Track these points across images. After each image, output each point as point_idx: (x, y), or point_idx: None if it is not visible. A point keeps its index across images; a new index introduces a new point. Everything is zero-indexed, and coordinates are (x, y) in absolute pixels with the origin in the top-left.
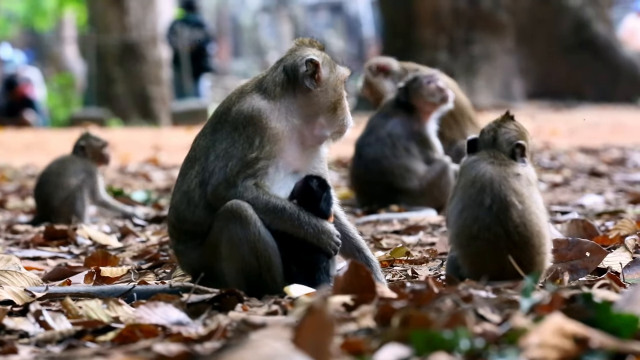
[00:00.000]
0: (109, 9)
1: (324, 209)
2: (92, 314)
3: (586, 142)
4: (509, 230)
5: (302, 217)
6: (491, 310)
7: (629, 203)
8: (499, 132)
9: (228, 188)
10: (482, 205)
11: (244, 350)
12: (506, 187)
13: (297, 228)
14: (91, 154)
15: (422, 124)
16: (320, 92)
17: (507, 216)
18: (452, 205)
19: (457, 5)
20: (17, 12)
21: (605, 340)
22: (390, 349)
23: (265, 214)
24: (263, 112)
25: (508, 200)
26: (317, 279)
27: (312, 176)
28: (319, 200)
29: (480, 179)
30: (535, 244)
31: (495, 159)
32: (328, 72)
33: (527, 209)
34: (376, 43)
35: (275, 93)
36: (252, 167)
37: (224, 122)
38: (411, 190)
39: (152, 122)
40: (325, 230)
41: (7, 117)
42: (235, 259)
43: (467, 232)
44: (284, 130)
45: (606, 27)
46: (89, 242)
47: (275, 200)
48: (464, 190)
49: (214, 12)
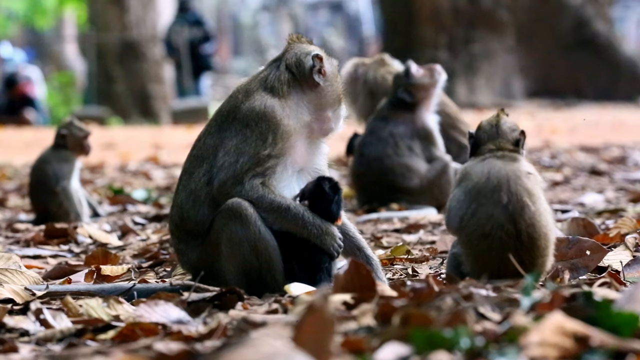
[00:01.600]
0: (109, 8)
1: (335, 212)
2: (93, 313)
3: (586, 141)
4: (520, 230)
5: (307, 218)
6: (491, 308)
7: (629, 201)
8: (500, 122)
9: (235, 184)
10: (498, 203)
11: (244, 348)
12: (521, 186)
13: (301, 228)
14: (72, 143)
15: (424, 118)
16: (328, 85)
17: (521, 216)
18: (459, 203)
19: (457, 4)
20: (18, 10)
21: (605, 339)
22: (391, 348)
23: (270, 213)
24: (276, 109)
25: (523, 200)
26: (318, 279)
27: (324, 177)
28: (331, 202)
29: (495, 175)
30: (541, 246)
31: (503, 154)
32: (330, 65)
33: (538, 210)
34: (376, 42)
35: (283, 91)
36: (263, 165)
37: (232, 120)
38: (412, 189)
39: (152, 120)
40: (330, 232)
41: (7, 116)
42: (235, 257)
43: (480, 230)
44: (295, 127)
45: (606, 25)
46: (90, 241)
47: (280, 200)
48: (477, 188)
49: (214, 10)
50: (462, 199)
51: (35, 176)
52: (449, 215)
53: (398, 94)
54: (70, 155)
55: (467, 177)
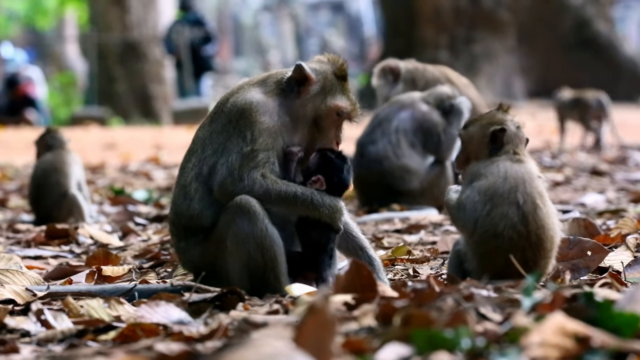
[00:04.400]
0: (110, 8)
1: (347, 180)
2: (94, 313)
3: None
4: (530, 231)
5: (316, 200)
6: (492, 309)
7: (630, 202)
8: (522, 125)
9: (234, 183)
10: (514, 204)
11: (245, 349)
12: (535, 188)
13: (313, 211)
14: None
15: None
16: (300, 103)
17: (533, 217)
18: (474, 204)
19: (458, 4)
20: (19, 11)
21: (606, 339)
22: (392, 348)
23: (279, 204)
24: (255, 105)
25: (536, 202)
26: (320, 261)
27: (324, 150)
28: (342, 171)
29: (512, 176)
30: (546, 248)
31: (518, 157)
32: (318, 90)
33: (547, 213)
34: (377, 42)
35: (272, 88)
36: (254, 159)
37: (220, 112)
38: (411, 191)
39: (153, 120)
40: (339, 209)
41: (8, 116)
42: (240, 254)
43: (492, 230)
44: (275, 125)
45: (607, 25)
46: (91, 241)
47: (286, 188)
48: (493, 189)
49: (215, 11)
50: (477, 200)
51: (41, 178)
52: (465, 216)
53: None
54: (74, 156)
55: (481, 177)
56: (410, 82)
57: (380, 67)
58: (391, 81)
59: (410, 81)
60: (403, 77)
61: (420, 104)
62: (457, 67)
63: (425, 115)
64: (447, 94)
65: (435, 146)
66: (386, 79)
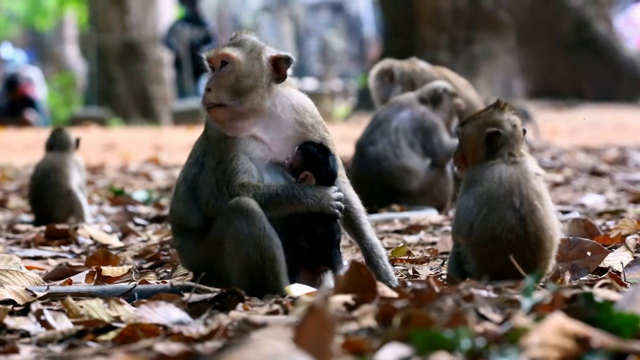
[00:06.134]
0: (110, 9)
1: (335, 169)
2: (93, 314)
3: (587, 142)
4: (529, 232)
5: (298, 193)
6: (492, 309)
7: (630, 202)
8: (519, 124)
9: (218, 200)
10: (511, 207)
11: (245, 349)
12: (531, 189)
13: (298, 205)
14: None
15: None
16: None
17: (531, 219)
18: (467, 210)
19: (458, 5)
20: (18, 11)
21: (606, 340)
22: (391, 349)
23: (266, 207)
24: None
25: (534, 203)
26: (333, 255)
27: (305, 144)
28: (327, 163)
29: (507, 179)
30: (546, 248)
31: (514, 159)
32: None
33: (546, 213)
34: (377, 42)
35: None
36: (226, 172)
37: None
38: (411, 192)
39: (153, 121)
40: (324, 195)
41: (8, 117)
42: (239, 255)
43: (489, 233)
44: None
45: (607, 26)
46: (90, 242)
47: (268, 190)
48: (488, 194)
49: (215, 11)
50: (472, 205)
51: (41, 179)
52: (458, 223)
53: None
54: (74, 156)
55: (476, 183)
56: (409, 84)
57: (376, 69)
58: (388, 83)
59: (408, 83)
60: (400, 79)
61: (419, 104)
62: (456, 68)
63: (425, 115)
64: (442, 87)
65: (435, 147)
66: (383, 81)
